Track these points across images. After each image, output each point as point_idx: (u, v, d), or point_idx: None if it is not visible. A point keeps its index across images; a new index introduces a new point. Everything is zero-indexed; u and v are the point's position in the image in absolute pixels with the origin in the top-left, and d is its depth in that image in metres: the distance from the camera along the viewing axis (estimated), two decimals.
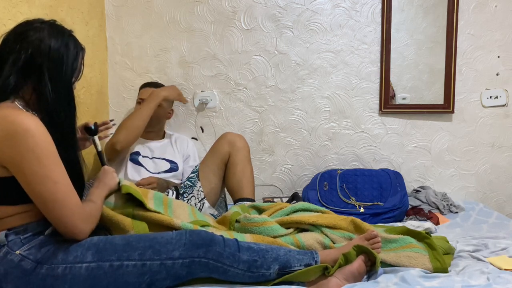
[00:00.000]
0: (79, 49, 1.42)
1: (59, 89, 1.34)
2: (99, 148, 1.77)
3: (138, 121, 2.25)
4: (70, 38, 1.39)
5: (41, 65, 1.31)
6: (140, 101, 2.42)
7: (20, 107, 1.31)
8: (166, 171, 2.34)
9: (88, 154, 2.40)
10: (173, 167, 2.38)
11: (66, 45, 1.36)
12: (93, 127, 1.75)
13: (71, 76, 1.39)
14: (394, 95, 2.71)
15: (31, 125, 1.23)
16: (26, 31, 1.32)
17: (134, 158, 2.33)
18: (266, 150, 2.75)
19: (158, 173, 2.33)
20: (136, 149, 2.37)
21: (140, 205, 1.63)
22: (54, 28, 1.36)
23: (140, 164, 2.32)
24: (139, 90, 2.49)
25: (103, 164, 1.75)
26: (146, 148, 2.39)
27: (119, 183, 1.65)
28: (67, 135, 1.38)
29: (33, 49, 1.30)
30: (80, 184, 1.40)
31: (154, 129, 2.43)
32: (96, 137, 1.77)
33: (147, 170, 2.32)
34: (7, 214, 1.29)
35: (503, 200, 2.75)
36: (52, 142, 1.27)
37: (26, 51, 1.30)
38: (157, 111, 2.36)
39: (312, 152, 2.75)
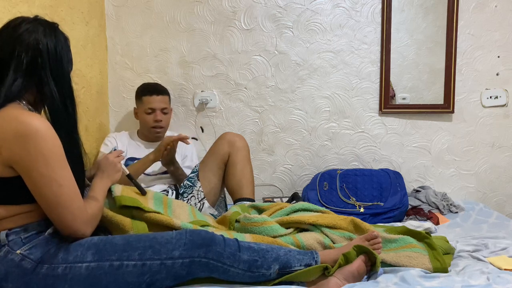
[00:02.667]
0: (67, 39, 1.44)
1: (62, 84, 1.36)
2: (127, 172, 1.73)
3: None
4: (58, 31, 1.41)
5: (42, 64, 1.32)
6: (150, 112, 2.33)
7: (26, 108, 1.32)
8: (164, 172, 2.34)
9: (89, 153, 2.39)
10: None
11: (59, 40, 1.38)
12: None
13: (69, 67, 1.41)
14: (394, 95, 2.71)
15: (42, 127, 1.24)
16: (20, 35, 1.33)
17: (129, 164, 2.26)
18: (266, 150, 2.75)
19: (156, 174, 2.33)
20: (132, 155, 2.33)
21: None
22: (44, 26, 1.37)
23: None
24: (143, 97, 2.36)
25: (139, 188, 1.73)
26: (145, 150, 2.38)
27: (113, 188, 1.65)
28: (71, 131, 1.39)
29: (32, 50, 1.32)
30: (81, 180, 1.40)
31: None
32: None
33: (144, 172, 2.31)
34: (9, 214, 1.29)
35: (503, 200, 2.75)
36: (60, 145, 1.28)
37: (27, 54, 1.31)
38: (169, 118, 2.42)
39: (312, 152, 2.75)
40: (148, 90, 2.40)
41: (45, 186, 1.26)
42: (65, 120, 1.36)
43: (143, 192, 1.74)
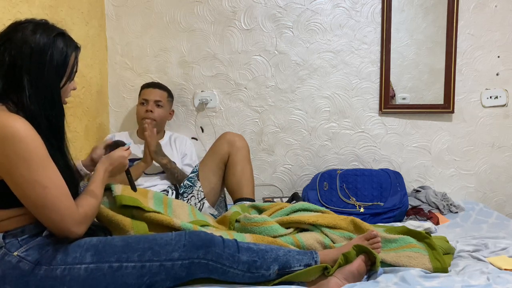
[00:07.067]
0: (71, 49, 1.35)
1: (40, 92, 1.28)
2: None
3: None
4: (58, 37, 1.32)
5: (21, 67, 1.26)
6: (143, 102, 2.41)
7: (10, 110, 1.26)
8: (164, 171, 2.33)
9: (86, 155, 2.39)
10: None
11: (51, 45, 1.30)
12: (126, 144, 1.65)
13: (56, 78, 1.32)
14: (394, 95, 2.71)
15: (20, 129, 1.20)
16: (11, 32, 1.29)
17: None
18: (266, 150, 2.75)
19: (156, 173, 2.33)
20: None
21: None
22: (40, 28, 1.30)
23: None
24: (141, 90, 2.48)
25: (132, 185, 1.69)
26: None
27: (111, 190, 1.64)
28: (56, 142, 1.34)
29: (15, 51, 1.26)
30: (72, 185, 1.36)
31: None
32: None
33: (144, 172, 2.31)
34: (3, 218, 1.27)
35: (503, 200, 2.75)
36: (42, 146, 1.24)
37: (10, 53, 1.26)
38: (163, 113, 2.41)
39: (312, 152, 2.75)
40: (148, 84, 2.48)
41: (29, 189, 1.22)
42: (46, 130, 1.29)
43: (133, 188, 1.68)
